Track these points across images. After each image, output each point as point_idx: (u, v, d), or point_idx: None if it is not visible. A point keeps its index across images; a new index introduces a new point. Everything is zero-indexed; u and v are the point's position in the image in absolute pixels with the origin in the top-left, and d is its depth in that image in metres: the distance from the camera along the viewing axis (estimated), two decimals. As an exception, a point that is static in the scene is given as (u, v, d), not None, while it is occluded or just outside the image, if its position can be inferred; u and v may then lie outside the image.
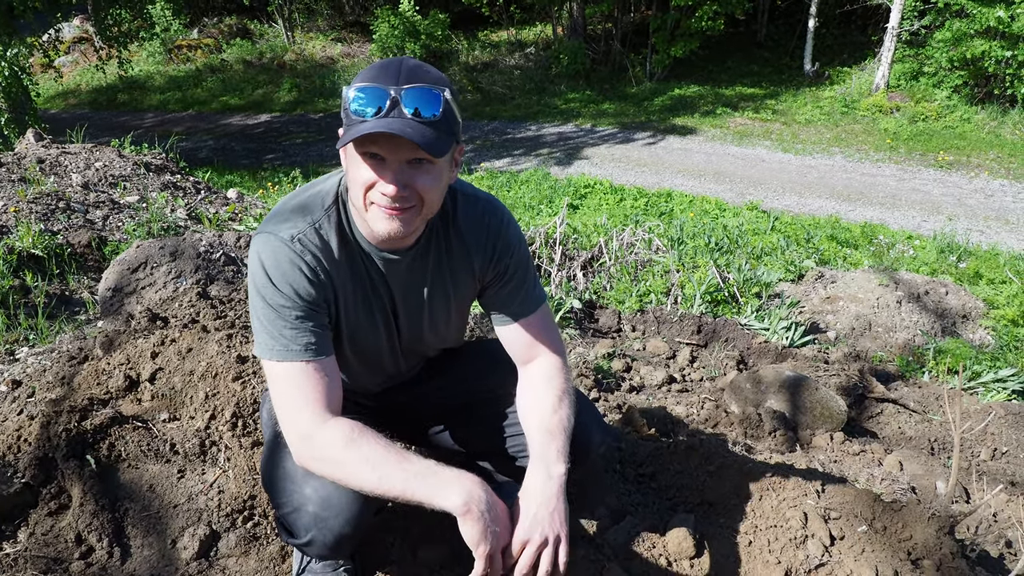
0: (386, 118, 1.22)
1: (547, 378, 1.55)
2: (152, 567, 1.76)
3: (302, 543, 1.45)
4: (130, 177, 5.03)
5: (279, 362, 1.36)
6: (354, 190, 1.32)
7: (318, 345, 1.37)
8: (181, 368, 2.14)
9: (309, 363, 1.36)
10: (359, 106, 1.24)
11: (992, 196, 8.88)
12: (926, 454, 3.00)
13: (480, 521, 1.28)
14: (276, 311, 1.35)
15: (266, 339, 1.36)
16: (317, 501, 1.40)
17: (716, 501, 1.79)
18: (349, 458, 1.30)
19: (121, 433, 1.98)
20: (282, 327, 1.35)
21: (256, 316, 1.38)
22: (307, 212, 1.39)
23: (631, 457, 2.04)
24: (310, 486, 1.41)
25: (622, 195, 8.38)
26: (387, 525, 1.85)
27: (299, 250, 1.36)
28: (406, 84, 1.23)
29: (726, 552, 1.66)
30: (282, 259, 1.35)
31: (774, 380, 3.12)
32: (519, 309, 1.57)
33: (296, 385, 1.35)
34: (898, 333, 4.34)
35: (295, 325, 1.35)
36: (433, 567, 1.73)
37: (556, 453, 1.43)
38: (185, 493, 1.88)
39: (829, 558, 1.61)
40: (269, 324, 1.36)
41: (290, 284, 1.35)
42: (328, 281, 1.40)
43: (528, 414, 1.53)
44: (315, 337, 1.37)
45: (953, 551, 1.67)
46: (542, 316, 1.59)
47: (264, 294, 1.36)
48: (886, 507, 1.78)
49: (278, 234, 1.36)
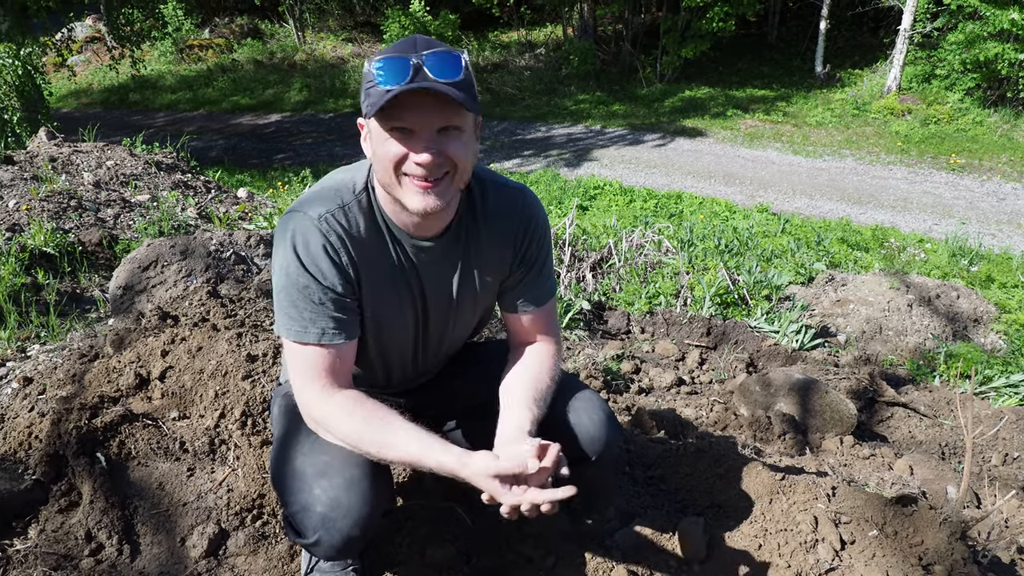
0: (412, 84, 1.23)
1: (539, 358, 1.58)
2: (161, 565, 1.76)
3: (309, 543, 1.45)
4: (141, 176, 5.06)
5: (299, 343, 1.38)
6: (383, 168, 1.32)
7: (336, 329, 1.38)
8: (191, 366, 2.15)
9: (324, 347, 1.37)
10: (383, 77, 1.24)
11: (1004, 199, 8.81)
12: (937, 459, 2.98)
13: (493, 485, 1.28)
14: (299, 290, 1.36)
15: (284, 318, 1.38)
16: (326, 502, 1.39)
17: (725, 504, 1.79)
18: (351, 428, 1.35)
19: (131, 431, 1.99)
20: (303, 308, 1.36)
21: (277, 292, 1.39)
22: (338, 194, 1.40)
23: (640, 459, 2.03)
24: (319, 486, 1.41)
25: (632, 196, 8.36)
26: (395, 525, 1.85)
27: (325, 229, 1.36)
28: (426, 50, 1.25)
29: (735, 556, 1.65)
30: (309, 237, 1.36)
31: (784, 383, 3.11)
32: (532, 297, 1.58)
33: (310, 364, 1.38)
34: (909, 337, 4.31)
35: (315, 308, 1.36)
36: (440, 567, 1.73)
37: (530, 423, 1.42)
38: (194, 491, 1.89)
39: (840, 563, 1.60)
40: (289, 303, 1.37)
41: (315, 263, 1.36)
42: (352, 264, 1.40)
43: (512, 383, 1.54)
44: (334, 322, 1.38)
45: (965, 557, 1.66)
46: (550, 308, 1.62)
47: (288, 270, 1.37)
48: (897, 512, 1.77)
49: (307, 212, 1.37)
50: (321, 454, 1.44)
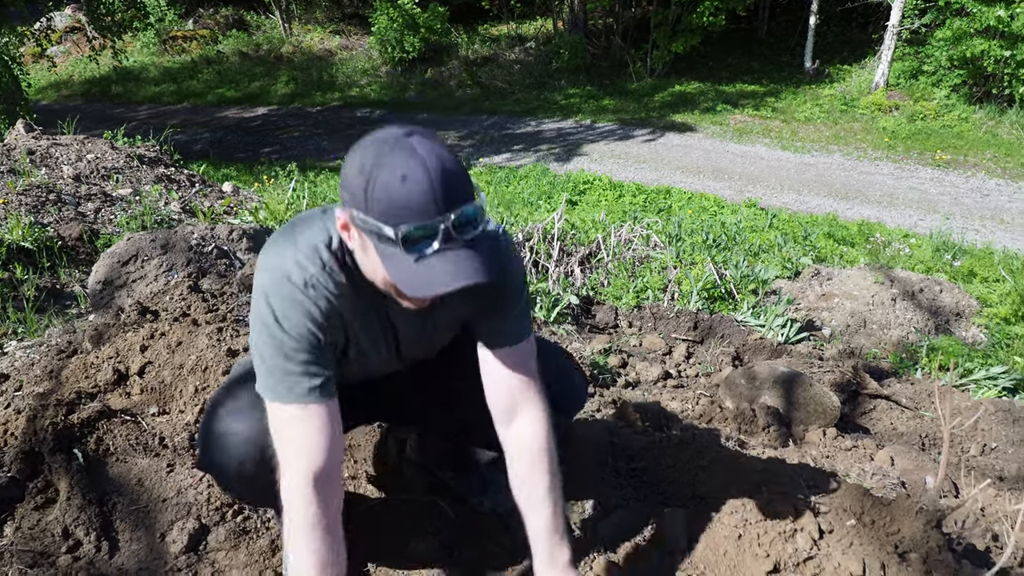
0: (442, 256, 1.14)
1: (536, 450, 1.48)
2: (140, 561, 1.75)
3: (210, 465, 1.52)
4: (123, 170, 5.01)
5: (282, 404, 1.33)
6: (374, 278, 1.28)
7: (322, 388, 1.34)
8: (171, 362, 2.13)
9: (311, 407, 1.33)
10: (411, 241, 1.13)
11: (988, 195, 8.88)
12: (917, 449, 3.01)
13: None
14: (284, 355, 1.32)
15: (270, 380, 1.33)
16: (230, 425, 1.48)
17: (708, 495, 1.79)
18: (296, 538, 1.32)
19: (109, 427, 1.97)
20: (289, 370, 1.32)
21: (260, 354, 1.34)
22: (317, 252, 1.33)
23: (624, 451, 2.04)
24: (228, 416, 1.49)
25: (621, 191, 8.37)
26: (378, 519, 1.85)
27: (313, 296, 1.31)
28: (450, 210, 1.13)
29: (716, 545, 1.66)
30: (296, 306, 1.31)
31: (768, 376, 3.12)
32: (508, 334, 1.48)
33: (293, 432, 1.33)
34: (892, 330, 4.34)
35: (302, 369, 1.32)
36: (423, 560, 1.72)
37: (559, 540, 1.44)
38: (174, 487, 1.88)
39: (818, 551, 1.61)
40: (274, 365, 1.32)
41: (302, 332, 1.31)
42: (339, 322, 1.38)
43: (523, 500, 1.48)
44: (320, 380, 1.34)
45: (940, 544, 1.67)
46: (528, 349, 1.50)
47: (273, 336, 1.31)
48: (875, 501, 1.78)
49: (290, 278, 1.30)
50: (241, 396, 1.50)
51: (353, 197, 1.17)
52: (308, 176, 7.55)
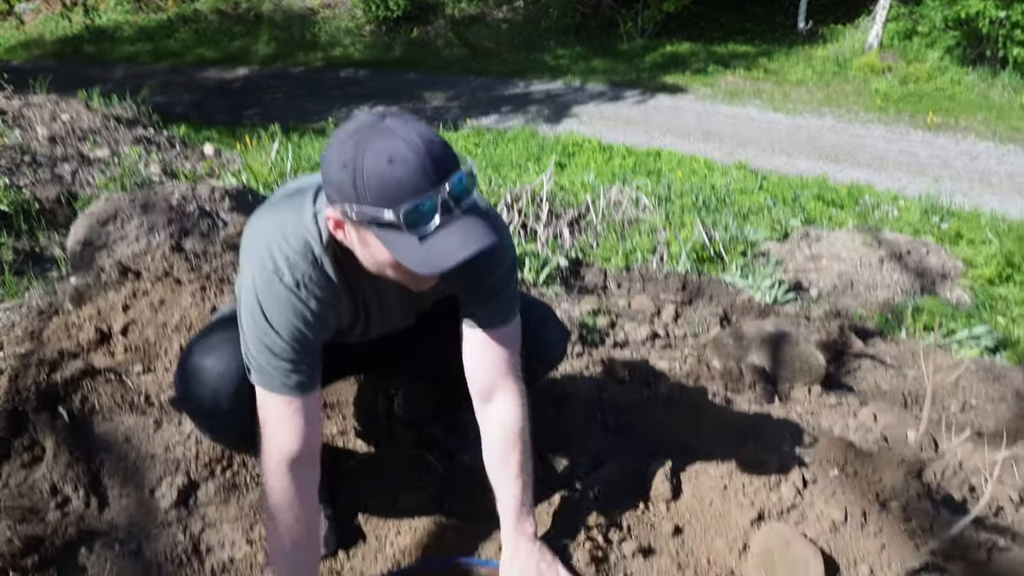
0: (446, 229, 1.13)
1: (510, 433, 1.51)
2: (131, 516, 1.76)
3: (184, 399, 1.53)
4: (99, 131, 4.91)
5: (265, 390, 1.34)
6: (378, 269, 1.26)
7: (306, 383, 1.34)
8: (154, 320, 2.11)
9: (293, 400, 1.34)
10: (413, 219, 1.12)
11: (977, 159, 8.87)
12: (899, 407, 3.05)
13: None
14: (271, 351, 1.31)
15: (255, 365, 1.34)
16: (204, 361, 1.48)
17: (695, 448, 1.81)
18: (273, 516, 1.35)
19: (94, 386, 1.96)
20: (275, 364, 1.32)
21: (247, 342, 1.34)
22: (308, 247, 1.30)
23: (612, 407, 2.05)
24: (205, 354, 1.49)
25: (610, 153, 8.30)
26: (368, 473, 1.86)
27: (304, 297, 1.30)
28: (444, 181, 1.12)
29: (702, 496, 1.68)
30: (286, 307, 1.29)
31: (756, 335, 3.14)
32: (492, 315, 1.47)
33: (275, 419, 1.35)
34: (879, 291, 4.37)
35: (288, 367, 1.32)
36: (413, 512, 1.74)
37: (526, 513, 1.52)
38: (162, 444, 1.88)
39: (801, 500, 1.63)
40: (260, 356, 1.32)
41: (291, 332, 1.31)
42: (330, 315, 1.37)
43: (496, 477, 1.54)
44: (304, 376, 1.34)
45: (920, 493, 1.70)
46: (512, 333, 1.50)
47: (260, 331, 1.30)
48: (858, 453, 1.81)
49: (281, 277, 1.28)
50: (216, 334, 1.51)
51: (342, 192, 1.15)
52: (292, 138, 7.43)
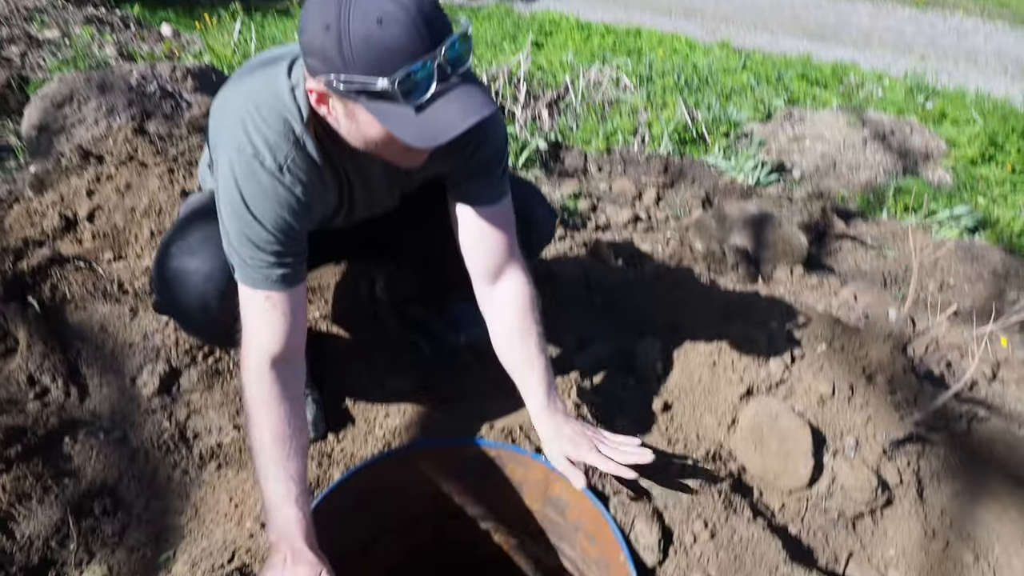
0: (443, 97, 1.02)
1: (525, 312, 1.44)
2: (113, 404, 1.73)
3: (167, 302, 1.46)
4: (46, 10, 4.55)
5: (247, 287, 1.24)
6: (368, 145, 1.14)
7: (291, 275, 1.25)
8: (121, 206, 2.01)
9: (277, 295, 1.24)
10: (407, 88, 1.01)
11: (965, 36, 8.65)
12: (879, 287, 3.08)
13: (276, 561, 1.25)
14: (254, 244, 1.20)
15: (237, 261, 1.23)
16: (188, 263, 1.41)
17: (683, 325, 1.80)
18: (253, 414, 1.26)
19: (63, 274, 1.88)
20: (259, 258, 1.21)
21: (228, 234, 1.22)
22: (288, 126, 1.18)
23: (598, 286, 2.02)
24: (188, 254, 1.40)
25: (589, 32, 7.93)
26: (354, 357, 1.84)
27: (289, 182, 1.18)
28: (440, 43, 1.01)
29: (691, 372, 1.69)
30: (270, 195, 1.18)
31: (739, 217, 3.11)
32: (486, 192, 1.39)
33: (258, 316, 1.25)
34: (862, 172, 4.33)
35: (273, 260, 1.22)
36: (401, 395, 1.73)
37: (555, 390, 1.46)
38: (140, 332, 1.82)
39: (789, 375, 1.65)
40: (243, 250, 1.22)
41: (276, 223, 1.19)
42: (315, 199, 1.26)
43: (515, 356, 1.47)
44: (289, 269, 1.24)
45: (904, 368, 1.73)
46: (507, 211, 1.43)
47: (243, 222, 1.19)
48: (845, 329, 1.82)
49: (263, 162, 1.16)
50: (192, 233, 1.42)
51: (326, 61, 1.02)
52: (254, 17, 6.98)
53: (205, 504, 1.55)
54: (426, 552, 1.78)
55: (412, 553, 1.78)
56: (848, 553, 1.42)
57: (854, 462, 1.49)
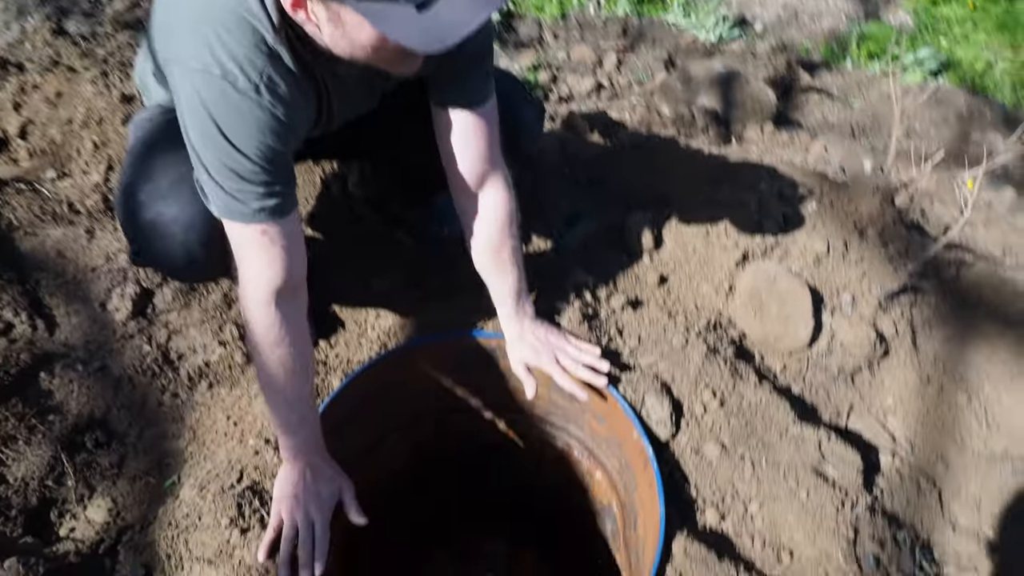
0: None
1: (503, 223, 1.38)
2: (85, 333, 1.64)
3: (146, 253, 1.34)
4: None
5: (238, 223, 1.11)
6: (356, 53, 0.99)
7: (283, 204, 1.12)
8: (56, 118, 1.83)
9: (271, 227, 1.11)
10: None
11: None
12: (849, 138, 3.07)
13: (295, 476, 1.25)
14: (238, 175, 1.06)
15: (222, 195, 1.08)
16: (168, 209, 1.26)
17: (671, 196, 1.76)
18: (261, 351, 1.20)
19: (4, 199, 1.73)
20: (246, 190, 1.07)
21: (207, 169, 1.07)
22: (259, 36, 1.01)
23: (578, 161, 1.94)
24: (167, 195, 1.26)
25: None
26: (336, 259, 1.76)
27: (268, 102, 1.02)
28: None
29: (685, 243, 1.66)
30: (248, 118, 1.02)
31: (704, 77, 3.02)
32: (467, 93, 1.27)
33: (253, 252, 1.13)
34: (824, 20, 4.21)
35: (259, 189, 1.07)
36: (389, 294, 1.68)
37: (525, 298, 1.45)
38: (101, 254, 1.71)
39: (783, 237, 1.63)
40: (225, 183, 1.07)
41: (259, 149, 1.04)
42: (297, 117, 1.11)
43: (489, 265, 1.43)
44: (281, 197, 1.10)
45: (895, 219, 1.73)
46: (491, 116, 1.31)
47: (222, 153, 1.04)
48: (833, 185, 1.80)
49: (235, 84, 0.99)
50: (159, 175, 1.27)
51: None
52: None
53: (202, 425, 1.51)
54: (429, 448, 1.79)
55: (415, 451, 1.79)
56: (849, 406, 1.46)
57: (852, 318, 1.50)
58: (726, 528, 1.20)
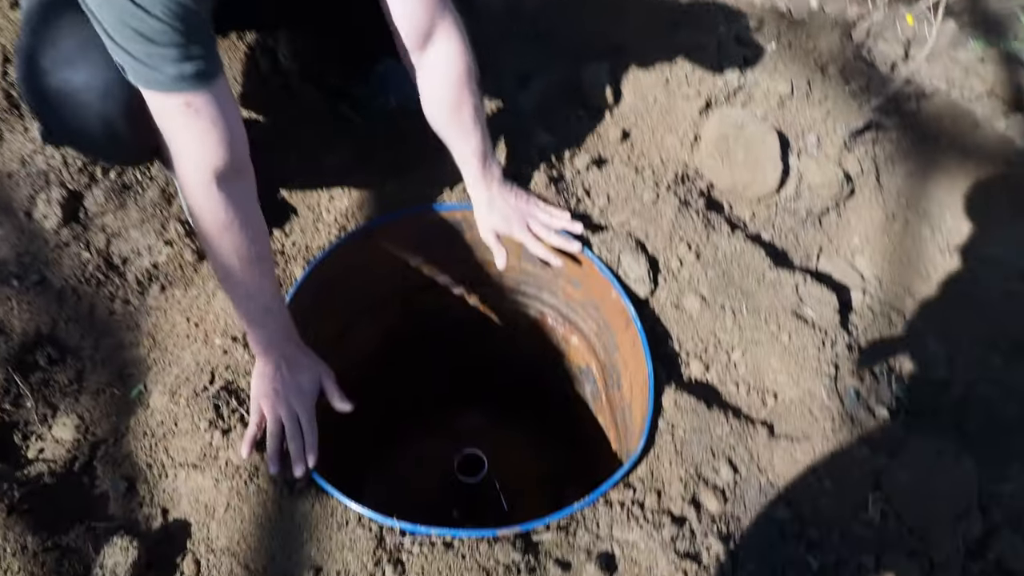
0: None
1: (460, 78, 1.26)
2: (14, 246, 1.50)
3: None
4: None
5: (158, 92, 0.97)
6: None
7: (206, 69, 0.98)
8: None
9: (198, 96, 0.98)
10: None
11: None
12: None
13: (270, 370, 1.20)
14: (148, 39, 0.91)
15: (131, 61, 0.94)
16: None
17: (627, 44, 1.65)
18: (211, 241, 1.12)
19: None
20: (159, 53, 0.93)
21: (108, 32, 0.93)
22: None
23: (522, 13, 1.80)
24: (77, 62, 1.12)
25: None
26: (277, 140, 1.64)
27: None
28: None
29: (644, 94, 1.58)
30: None
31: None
32: None
33: (180, 126, 1.01)
34: None
35: (173, 52, 0.94)
36: (342, 173, 1.58)
37: (491, 159, 1.38)
38: (14, 157, 1.54)
39: (745, 80, 1.57)
40: (134, 47, 0.93)
41: (163, 4, 0.90)
42: None
43: (449, 125, 1.32)
44: (202, 62, 0.97)
45: (855, 54, 1.68)
46: None
47: (122, 12, 0.90)
48: (791, 23, 1.73)
49: None
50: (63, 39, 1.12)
51: None
52: None
53: (161, 330, 1.44)
54: (399, 330, 1.77)
55: (386, 335, 1.76)
56: (818, 248, 1.47)
57: (818, 159, 1.49)
58: (711, 378, 1.22)
